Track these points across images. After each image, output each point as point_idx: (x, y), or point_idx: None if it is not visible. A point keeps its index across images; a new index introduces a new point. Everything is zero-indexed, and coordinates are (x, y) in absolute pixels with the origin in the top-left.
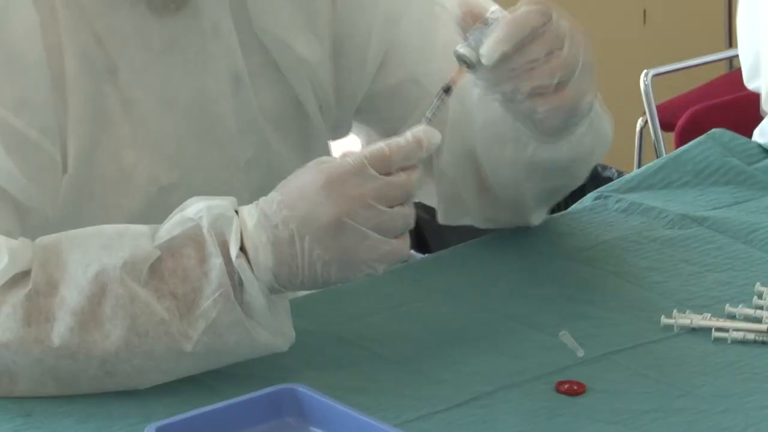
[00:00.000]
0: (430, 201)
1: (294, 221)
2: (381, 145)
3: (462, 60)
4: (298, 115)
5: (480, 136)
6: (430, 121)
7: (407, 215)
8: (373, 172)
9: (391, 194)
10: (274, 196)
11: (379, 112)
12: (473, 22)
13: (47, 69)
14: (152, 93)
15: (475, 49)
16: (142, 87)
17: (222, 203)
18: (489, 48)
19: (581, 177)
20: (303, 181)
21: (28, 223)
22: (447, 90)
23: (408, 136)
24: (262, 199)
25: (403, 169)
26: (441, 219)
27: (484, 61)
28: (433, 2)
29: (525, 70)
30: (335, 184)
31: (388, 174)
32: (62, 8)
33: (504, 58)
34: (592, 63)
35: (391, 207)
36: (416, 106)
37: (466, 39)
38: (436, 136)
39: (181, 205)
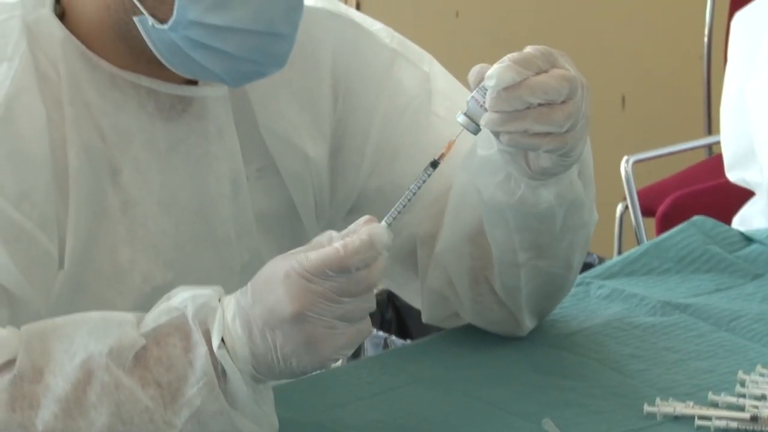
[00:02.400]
0: (413, 301)
1: (262, 314)
2: (337, 247)
3: (464, 124)
4: (291, 219)
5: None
6: (414, 194)
7: (370, 299)
8: (331, 274)
9: (353, 289)
10: (249, 288)
11: (364, 213)
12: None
13: (51, 163)
14: (153, 193)
15: (473, 114)
16: (144, 187)
17: (207, 293)
18: (490, 105)
19: (574, 264)
20: (270, 273)
21: (19, 314)
22: (434, 164)
23: (362, 236)
24: (241, 291)
25: (365, 267)
26: (425, 318)
27: (483, 124)
28: (430, 111)
29: (543, 111)
30: (295, 280)
31: (347, 275)
32: (68, 105)
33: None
34: (588, 115)
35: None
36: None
37: (467, 104)
38: (385, 236)
39: (167, 295)
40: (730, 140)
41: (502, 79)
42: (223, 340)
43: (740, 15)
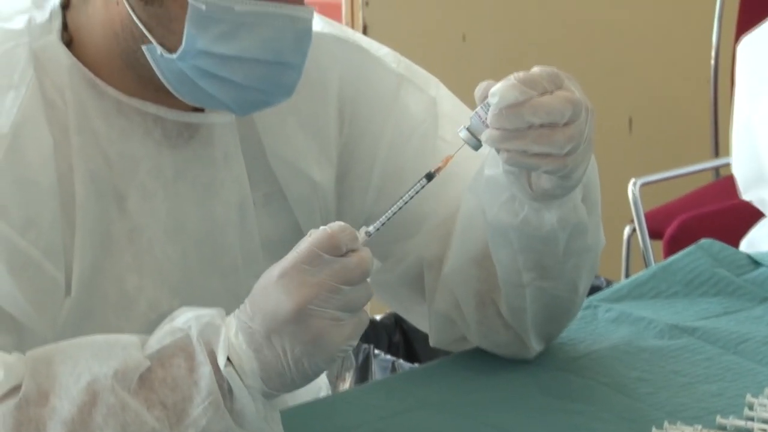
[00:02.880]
0: (421, 325)
1: (263, 321)
2: (323, 229)
3: (465, 139)
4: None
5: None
6: (405, 203)
7: (367, 287)
8: (327, 256)
9: (350, 276)
10: (247, 302)
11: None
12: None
13: (57, 191)
14: (160, 220)
15: (475, 130)
16: (151, 214)
17: (210, 312)
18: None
19: (580, 287)
20: (264, 280)
21: (25, 340)
22: (429, 177)
23: (340, 222)
24: (240, 308)
25: (352, 250)
26: (433, 341)
27: (483, 140)
28: (436, 136)
29: (543, 132)
30: (291, 275)
31: (340, 255)
32: (75, 133)
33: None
34: (592, 139)
35: (352, 286)
36: (405, 232)
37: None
38: (360, 236)
39: (170, 316)
40: (742, 164)
41: (505, 96)
42: (229, 358)
43: (746, 40)
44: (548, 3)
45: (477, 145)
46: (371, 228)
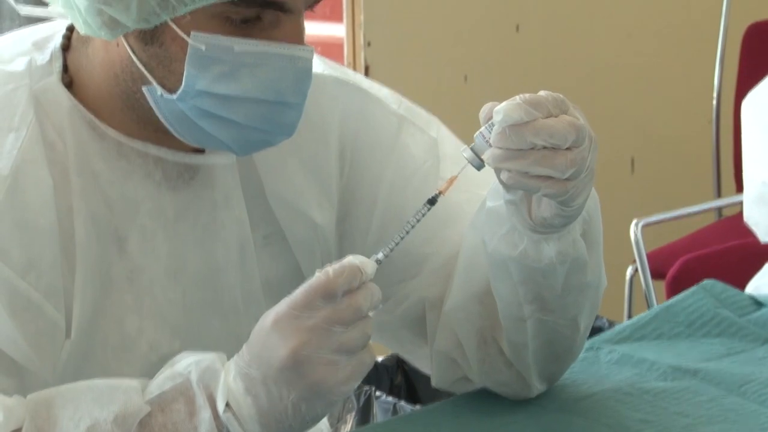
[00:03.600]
0: (423, 366)
1: (260, 367)
2: (319, 274)
3: (469, 159)
4: (298, 286)
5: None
6: (412, 227)
7: (365, 327)
8: (320, 302)
9: (343, 316)
10: (244, 347)
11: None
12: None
13: (58, 233)
14: (161, 262)
15: (479, 150)
16: (152, 255)
17: (210, 357)
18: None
19: (581, 325)
20: (260, 326)
21: (26, 383)
22: (432, 201)
23: (345, 262)
24: (238, 353)
25: (349, 291)
26: (435, 382)
27: (486, 159)
28: (438, 176)
29: (546, 154)
30: (284, 321)
31: (334, 300)
32: (75, 175)
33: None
34: (594, 169)
35: (346, 328)
36: (406, 273)
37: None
38: (369, 265)
39: (171, 360)
40: (760, 221)
41: (509, 115)
42: (228, 403)
43: (750, 97)
44: (551, 44)
45: (480, 166)
46: (380, 255)
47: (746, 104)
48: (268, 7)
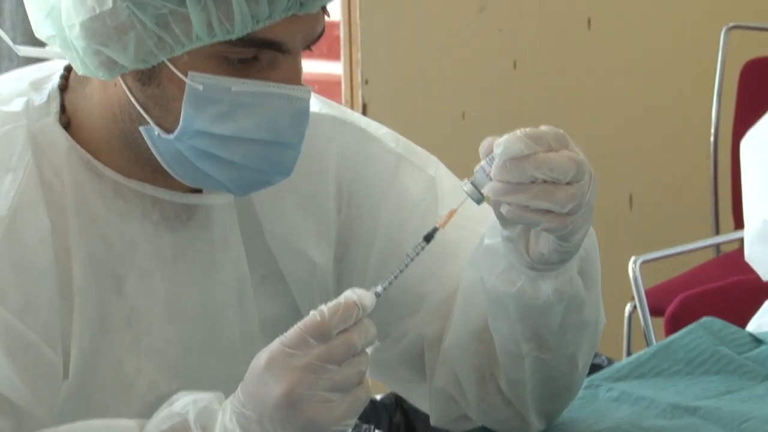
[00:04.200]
0: (422, 404)
1: (254, 407)
2: (314, 313)
3: (469, 193)
4: None
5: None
6: (411, 260)
7: (360, 363)
8: (312, 342)
9: (336, 354)
10: (239, 387)
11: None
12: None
13: (55, 274)
14: (158, 302)
15: (479, 183)
16: (149, 296)
17: (207, 396)
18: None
19: (579, 364)
20: (254, 366)
21: (23, 424)
22: (428, 238)
23: (341, 299)
24: (234, 393)
25: (344, 331)
26: (434, 420)
27: (486, 192)
28: (436, 215)
29: (546, 188)
30: (278, 361)
31: (328, 340)
32: (73, 215)
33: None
34: (593, 205)
35: (340, 365)
36: (405, 311)
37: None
38: (368, 299)
39: (169, 400)
40: (763, 259)
41: (510, 148)
42: None
43: (749, 136)
44: (548, 81)
45: (480, 200)
46: (379, 288)
47: (745, 143)
48: (266, 47)
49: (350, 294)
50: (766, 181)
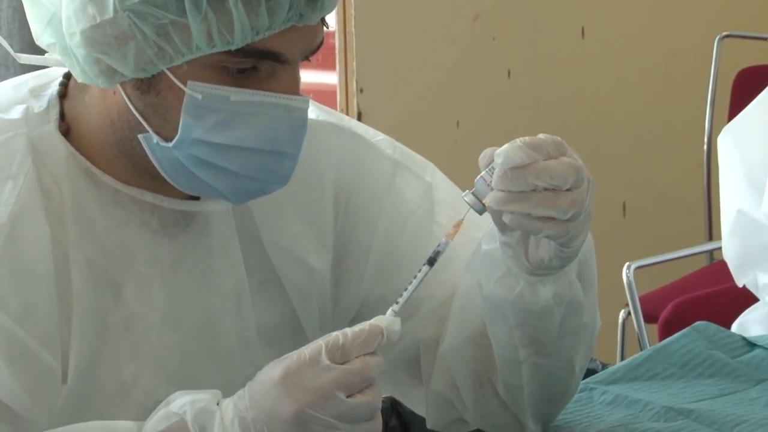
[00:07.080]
0: (418, 408)
1: (260, 416)
2: (338, 334)
3: (470, 203)
4: (294, 332)
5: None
6: (425, 275)
7: (371, 402)
8: (328, 362)
9: (349, 382)
10: (245, 392)
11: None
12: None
13: (54, 280)
14: (157, 309)
15: (480, 194)
16: (148, 303)
17: (205, 396)
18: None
19: (576, 367)
20: (265, 377)
21: (22, 429)
22: (431, 262)
23: (366, 325)
24: (238, 394)
25: (363, 357)
26: (430, 424)
27: (488, 202)
28: (432, 221)
29: (547, 196)
30: (292, 377)
31: (345, 362)
32: (72, 222)
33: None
34: (591, 210)
35: (352, 396)
36: (401, 315)
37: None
38: (396, 324)
39: (166, 400)
40: (733, 254)
41: (510, 158)
42: None
43: (726, 129)
44: (542, 89)
45: (481, 210)
46: (396, 307)
47: (722, 138)
48: (265, 57)
49: (376, 322)
50: (741, 175)
